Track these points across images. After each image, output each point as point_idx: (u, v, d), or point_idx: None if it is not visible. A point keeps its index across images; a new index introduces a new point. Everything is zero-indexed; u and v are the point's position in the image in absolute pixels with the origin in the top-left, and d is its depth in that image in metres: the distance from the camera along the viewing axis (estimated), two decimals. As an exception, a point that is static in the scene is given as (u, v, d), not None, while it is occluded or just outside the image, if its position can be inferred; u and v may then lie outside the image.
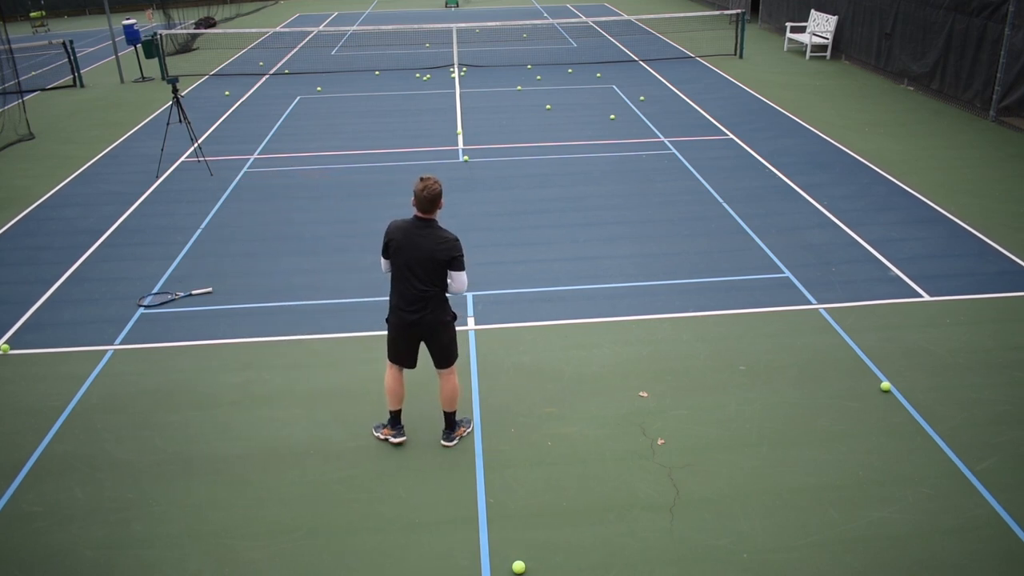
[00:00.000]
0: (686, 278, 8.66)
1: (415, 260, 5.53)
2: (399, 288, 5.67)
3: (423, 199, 5.48)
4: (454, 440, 6.11)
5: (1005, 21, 13.62)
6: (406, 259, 5.55)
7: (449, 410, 6.06)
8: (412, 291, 5.61)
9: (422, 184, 5.46)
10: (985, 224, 9.82)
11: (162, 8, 27.23)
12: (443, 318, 5.76)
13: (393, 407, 6.07)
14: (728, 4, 28.33)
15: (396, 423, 6.11)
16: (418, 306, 5.64)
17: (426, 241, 5.51)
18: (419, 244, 5.51)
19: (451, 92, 17.72)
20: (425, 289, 5.59)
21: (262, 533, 5.30)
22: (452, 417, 6.08)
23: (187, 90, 18.53)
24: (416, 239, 5.52)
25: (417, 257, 5.52)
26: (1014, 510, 5.32)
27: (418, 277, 5.56)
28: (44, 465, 5.99)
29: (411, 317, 5.68)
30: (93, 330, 7.89)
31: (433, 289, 5.62)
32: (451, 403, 6.02)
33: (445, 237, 5.56)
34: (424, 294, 5.61)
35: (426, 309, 5.65)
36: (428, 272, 5.54)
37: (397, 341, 5.84)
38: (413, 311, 5.66)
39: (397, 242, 5.57)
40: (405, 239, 5.55)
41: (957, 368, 6.91)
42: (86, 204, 11.36)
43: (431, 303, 5.65)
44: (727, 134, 13.98)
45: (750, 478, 5.67)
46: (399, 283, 5.65)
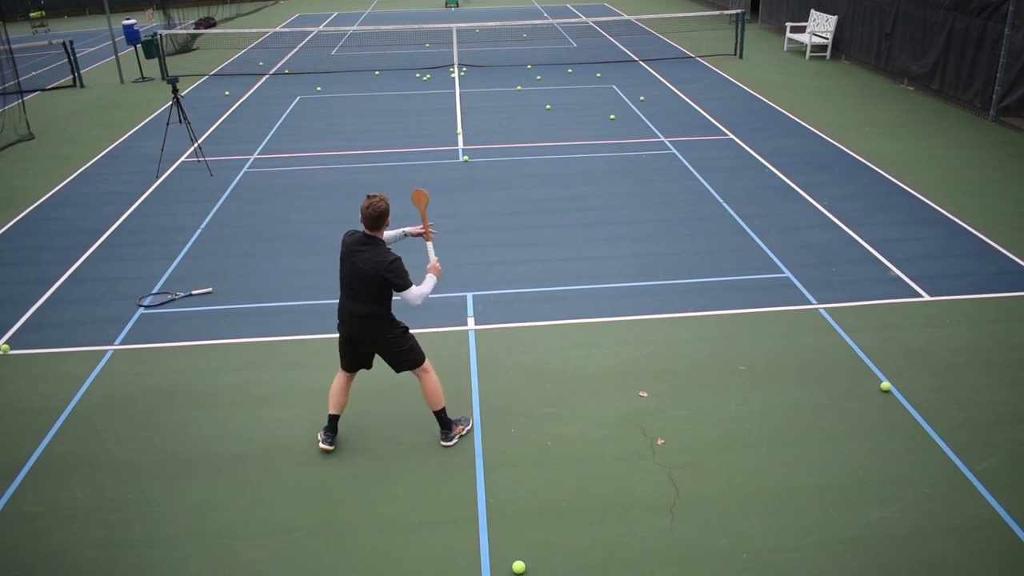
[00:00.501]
0: (686, 278, 8.66)
1: (354, 278, 5.54)
2: (342, 301, 5.69)
3: (368, 216, 5.49)
4: (453, 439, 6.10)
5: (1005, 21, 13.62)
6: (346, 274, 5.57)
7: (435, 409, 6.02)
8: (351, 308, 5.61)
9: (367, 202, 5.48)
10: (985, 224, 9.82)
11: (162, 8, 27.22)
12: (388, 335, 5.73)
13: (331, 411, 6.01)
14: (728, 4, 28.32)
15: (330, 429, 6.04)
16: (356, 323, 5.64)
17: (364, 261, 5.49)
18: (357, 262, 5.51)
19: (451, 92, 17.72)
20: (363, 309, 5.58)
21: (262, 533, 5.30)
22: (442, 415, 6.05)
23: (187, 90, 18.53)
24: (356, 256, 5.52)
25: (355, 275, 5.53)
26: (1014, 510, 5.32)
27: (356, 294, 5.55)
28: (44, 465, 5.99)
29: (354, 335, 5.71)
30: (93, 330, 7.89)
31: (373, 308, 5.59)
32: (434, 402, 5.99)
33: (382, 259, 5.48)
34: (361, 313, 5.59)
35: (365, 328, 5.65)
36: (366, 291, 5.52)
37: (343, 349, 5.88)
38: (353, 328, 5.68)
39: (342, 254, 5.60)
40: (347, 253, 5.56)
41: (957, 368, 6.91)
42: (86, 204, 11.36)
43: (372, 322, 5.63)
44: (727, 134, 13.98)
45: (750, 478, 5.67)
46: (342, 296, 5.68)
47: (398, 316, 5.86)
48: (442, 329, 7.73)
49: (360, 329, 5.68)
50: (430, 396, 5.98)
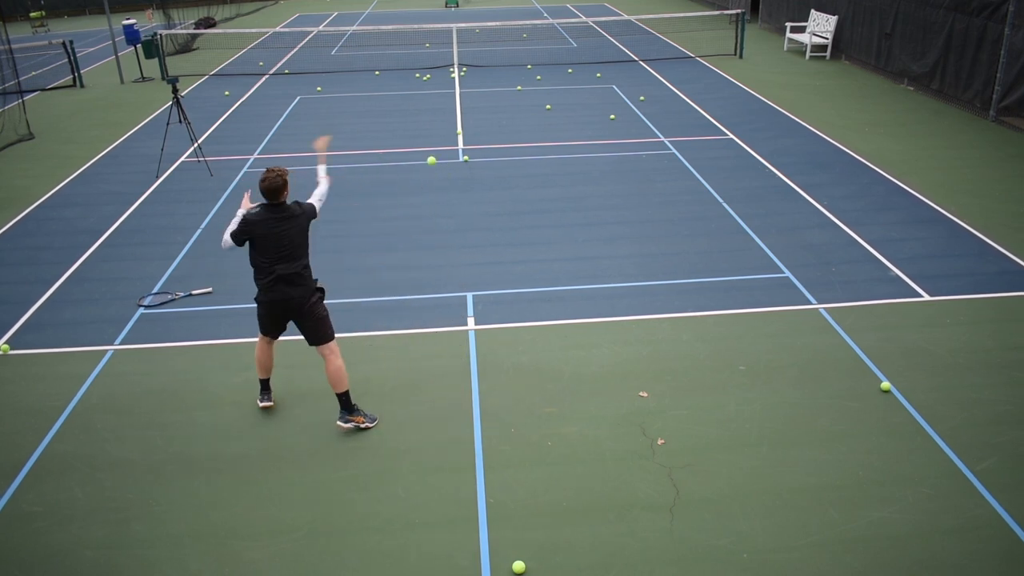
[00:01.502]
0: (686, 278, 8.66)
1: (283, 240, 5.96)
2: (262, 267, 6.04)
3: (265, 190, 5.94)
4: (349, 424, 6.27)
5: (1005, 21, 13.62)
6: (276, 243, 5.94)
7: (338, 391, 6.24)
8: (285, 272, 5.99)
9: (266, 175, 5.94)
10: (985, 224, 9.82)
11: (162, 8, 27.23)
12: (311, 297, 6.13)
13: (262, 376, 6.54)
14: (728, 4, 28.32)
15: (265, 389, 6.57)
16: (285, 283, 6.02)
17: (286, 220, 5.99)
18: (282, 226, 5.97)
19: (451, 92, 17.72)
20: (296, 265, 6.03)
21: (262, 533, 5.30)
22: (345, 398, 6.26)
23: (187, 90, 18.53)
24: (277, 223, 5.97)
25: (285, 235, 5.96)
26: (1014, 510, 5.32)
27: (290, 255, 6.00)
28: (44, 465, 5.99)
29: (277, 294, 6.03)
30: (93, 330, 7.89)
31: (303, 261, 6.11)
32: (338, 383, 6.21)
33: (298, 206, 6.13)
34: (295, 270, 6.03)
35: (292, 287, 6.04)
36: (298, 247, 6.04)
37: (266, 317, 6.25)
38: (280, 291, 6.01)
39: (259, 231, 5.94)
40: (267, 226, 5.97)
41: (957, 368, 6.91)
42: (86, 204, 11.36)
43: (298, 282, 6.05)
44: (727, 134, 13.98)
45: (750, 478, 5.67)
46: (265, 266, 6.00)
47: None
48: (442, 329, 7.73)
49: (289, 292, 6.04)
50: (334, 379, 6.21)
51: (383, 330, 7.76)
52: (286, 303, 6.07)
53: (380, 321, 7.93)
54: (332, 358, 6.18)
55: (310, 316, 6.12)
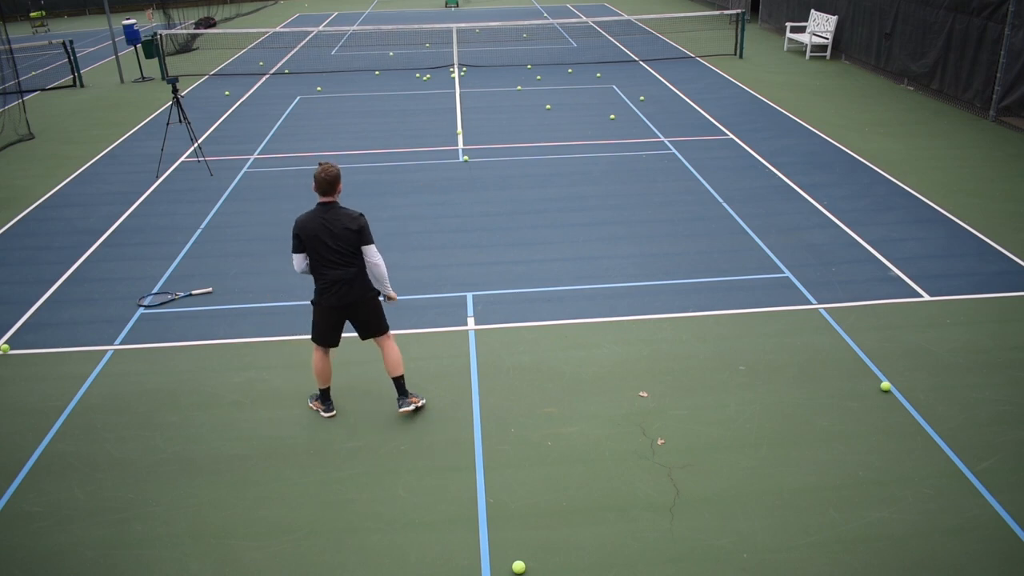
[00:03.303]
0: (686, 278, 8.66)
1: (331, 241, 5.84)
2: (319, 271, 5.96)
3: (322, 182, 5.84)
4: (411, 407, 6.32)
5: (1005, 21, 13.62)
6: (321, 246, 5.86)
7: (396, 375, 6.31)
8: (336, 277, 5.91)
9: (320, 169, 5.83)
10: (985, 224, 9.82)
11: (162, 8, 27.23)
12: (369, 289, 6.10)
13: (323, 385, 6.41)
14: (728, 4, 28.33)
15: (326, 399, 6.46)
16: (343, 284, 5.94)
17: (334, 221, 5.86)
18: (330, 226, 5.85)
19: (451, 92, 17.72)
20: (347, 272, 5.93)
21: (262, 533, 5.30)
22: (401, 382, 6.33)
23: (187, 90, 18.54)
24: (326, 223, 5.86)
25: (332, 240, 5.84)
26: (1014, 510, 5.32)
27: (338, 260, 5.88)
28: (44, 465, 6.00)
29: (335, 298, 5.98)
30: (93, 330, 7.89)
31: (356, 267, 5.97)
32: (398, 367, 6.31)
33: (350, 214, 5.93)
34: (347, 277, 5.94)
35: (354, 291, 5.98)
36: (345, 252, 5.90)
37: (324, 323, 6.16)
38: (338, 291, 5.96)
39: (308, 230, 5.86)
40: (315, 224, 5.86)
41: (957, 368, 6.91)
42: (86, 204, 11.36)
43: (356, 281, 5.97)
44: (727, 134, 13.98)
45: (750, 478, 5.67)
46: (321, 268, 5.94)
47: None
48: (442, 329, 7.73)
49: (349, 293, 5.98)
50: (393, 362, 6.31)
51: (383, 330, 7.76)
52: (344, 307, 6.05)
53: (380, 321, 7.92)
54: (389, 343, 6.29)
55: (364, 311, 6.13)
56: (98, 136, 14.98)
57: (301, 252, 5.97)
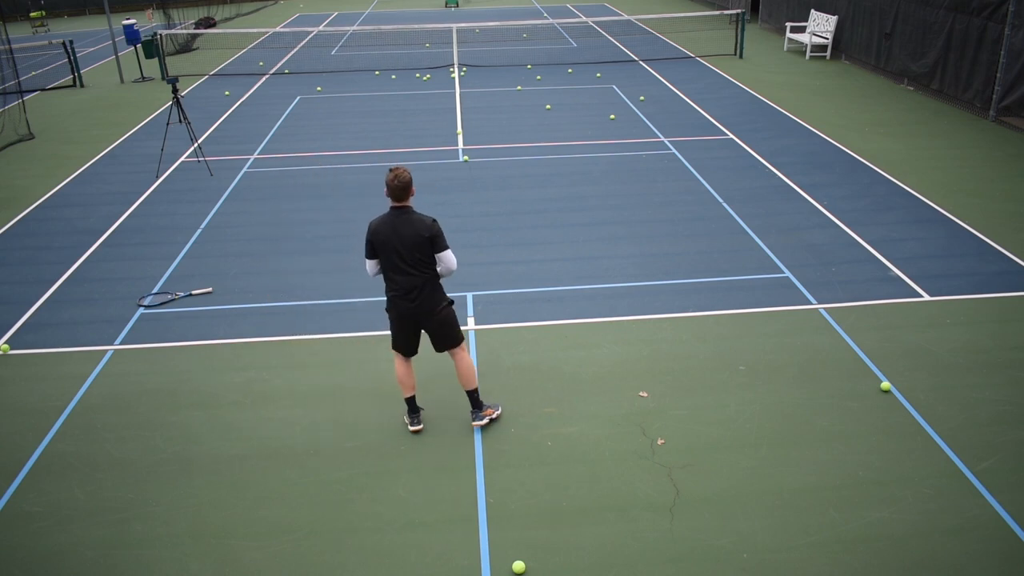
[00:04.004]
0: (686, 278, 8.66)
1: (403, 250, 5.70)
2: (390, 278, 5.84)
3: (395, 188, 5.70)
4: (484, 419, 6.21)
5: (1005, 21, 13.62)
6: (392, 253, 5.73)
7: (470, 388, 6.18)
8: (407, 284, 5.78)
9: (392, 174, 5.70)
10: (985, 224, 9.82)
11: (162, 8, 27.23)
12: (440, 302, 5.92)
13: (406, 394, 6.21)
14: (728, 4, 28.33)
15: (413, 411, 6.24)
16: (413, 294, 5.80)
17: (407, 227, 5.70)
18: (402, 232, 5.69)
19: (451, 92, 17.72)
20: (418, 280, 5.77)
21: (262, 533, 5.30)
22: (476, 395, 6.21)
23: (187, 90, 18.54)
24: (397, 228, 5.70)
25: (403, 247, 5.70)
26: (1014, 510, 5.32)
27: (408, 267, 5.74)
28: (44, 465, 6.00)
29: (407, 306, 5.85)
30: (93, 330, 7.89)
31: (427, 276, 5.80)
32: (471, 380, 6.15)
33: (423, 221, 5.76)
34: (417, 284, 5.77)
35: (424, 300, 5.82)
36: (416, 259, 5.73)
37: (397, 330, 6.03)
38: (409, 300, 5.82)
39: (381, 236, 5.74)
40: (387, 230, 5.73)
41: (957, 368, 6.91)
42: (86, 204, 11.36)
43: (427, 287, 5.82)
44: (727, 134, 13.98)
45: (750, 478, 5.67)
46: (389, 274, 5.83)
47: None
48: (442, 329, 7.72)
49: (421, 301, 5.84)
50: (466, 376, 6.16)
51: (383, 330, 7.76)
52: (414, 317, 5.91)
53: (380, 321, 7.92)
54: (463, 356, 6.12)
55: (437, 322, 5.94)
56: (98, 136, 14.98)
57: (374, 258, 5.83)
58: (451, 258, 5.82)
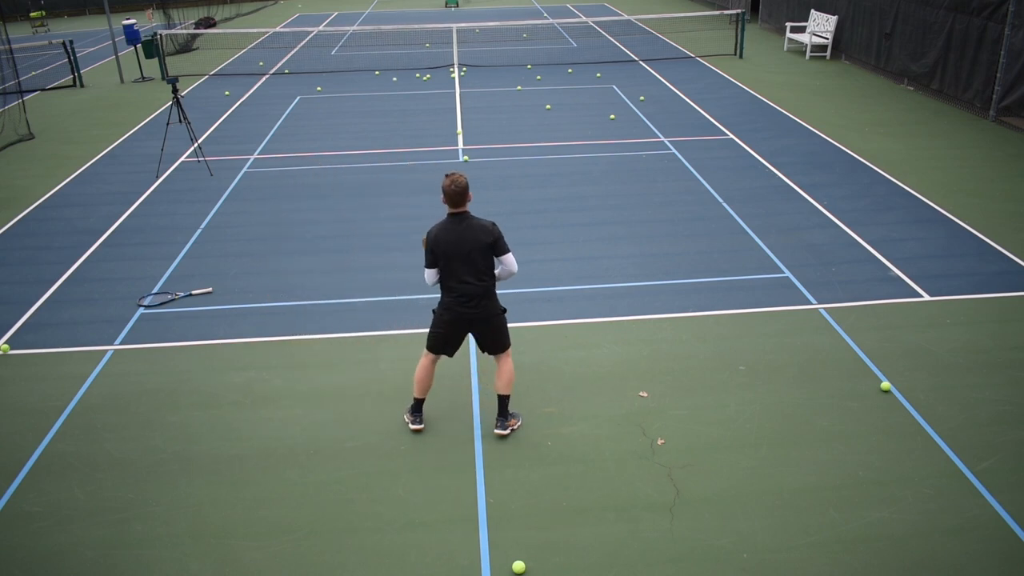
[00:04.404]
0: (686, 278, 8.66)
1: (458, 256, 5.67)
2: (448, 285, 5.79)
3: (452, 194, 5.62)
4: (508, 430, 6.18)
5: (1005, 21, 13.62)
6: (453, 258, 5.68)
7: (504, 394, 6.16)
8: (468, 291, 5.75)
9: (449, 180, 5.62)
10: (985, 224, 9.82)
11: (162, 8, 27.23)
12: (496, 311, 5.95)
13: (419, 396, 6.18)
14: (728, 4, 28.33)
15: (417, 410, 6.22)
16: (471, 300, 5.78)
17: (468, 233, 5.66)
18: (463, 238, 5.66)
19: (451, 92, 17.72)
20: (479, 286, 5.76)
21: (262, 533, 5.30)
22: (507, 402, 6.19)
23: (187, 90, 18.53)
24: (458, 234, 5.66)
25: (466, 251, 5.66)
26: (1014, 510, 5.32)
27: (469, 273, 5.71)
28: (44, 465, 5.99)
29: (465, 311, 5.81)
30: (93, 330, 7.89)
31: (486, 282, 5.79)
32: (508, 387, 6.14)
33: (484, 225, 5.73)
34: (479, 291, 5.77)
35: (482, 306, 5.82)
36: (477, 265, 5.71)
37: (447, 333, 5.96)
38: (466, 306, 5.79)
39: (442, 244, 5.67)
40: (448, 238, 5.67)
41: (957, 368, 6.91)
42: (86, 204, 11.36)
43: (487, 299, 5.83)
44: (727, 134, 13.98)
45: (750, 478, 5.67)
46: (449, 280, 5.77)
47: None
48: (442, 329, 7.72)
49: (481, 308, 5.83)
50: (507, 380, 6.13)
51: (383, 330, 7.77)
52: (471, 323, 5.89)
53: (380, 321, 7.93)
54: (508, 361, 6.11)
55: (491, 328, 5.96)
56: (98, 136, 14.98)
57: (435, 267, 5.76)
58: (512, 261, 5.83)
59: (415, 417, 6.23)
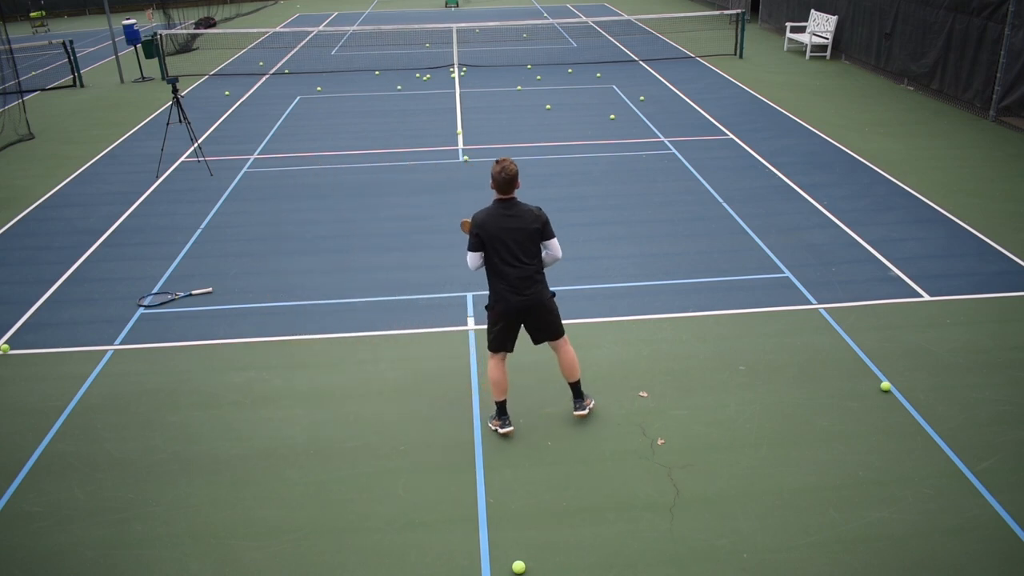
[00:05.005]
0: (686, 278, 8.66)
1: (514, 242, 5.68)
2: (500, 272, 5.77)
3: (502, 180, 5.63)
4: (586, 409, 6.23)
5: (1005, 21, 13.62)
6: (502, 246, 5.69)
7: (575, 380, 6.20)
8: (521, 276, 5.76)
9: (499, 167, 5.62)
10: (985, 224, 9.81)
11: (162, 8, 27.23)
12: (548, 294, 5.98)
13: (500, 397, 6.13)
14: (728, 4, 28.33)
15: (503, 413, 6.17)
16: (524, 284, 5.79)
17: (516, 218, 5.69)
18: (512, 224, 5.68)
19: (451, 92, 17.72)
20: (530, 270, 5.79)
21: (262, 533, 5.30)
22: (579, 386, 6.24)
23: (187, 90, 18.53)
24: (507, 220, 5.68)
25: (514, 237, 5.68)
26: (1014, 510, 5.32)
27: (520, 259, 5.73)
28: (44, 465, 5.99)
29: (519, 298, 5.81)
30: (93, 330, 7.89)
31: (537, 266, 5.84)
32: (575, 371, 6.18)
33: (531, 211, 5.76)
34: (531, 275, 5.80)
35: (536, 291, 5.84)
36: (528, 251, 5.74)
37: (504, 328, 5.94)
38: (520, 292, 5.80)
39: (491, 230, 5.68)
40: (497, 223, 5.68)
41: (957, 368, 6.91)
42: (86, 204, 11.36)
43: (540, 284, 5.85)
44: (727, 134, 13.98)
45: (750, 478, 5.67)
46: (502, 267, 5.76)
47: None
48: (442, 329, 7.73)
49: (532, 293, 5.83)
50: (570, 366, 6.17)
51: (383, 330, 7.77)
52: (526, 309, 5.86)
53: (380, 321, 7.93)
54: (567, 348, 6.13)
55: (545, 312, 5.93)
56: (98, 136, 14.98)
57: (479, 251, 5.76)
58: (557, 246, 5.90)
59: (503, 421, 6.15)
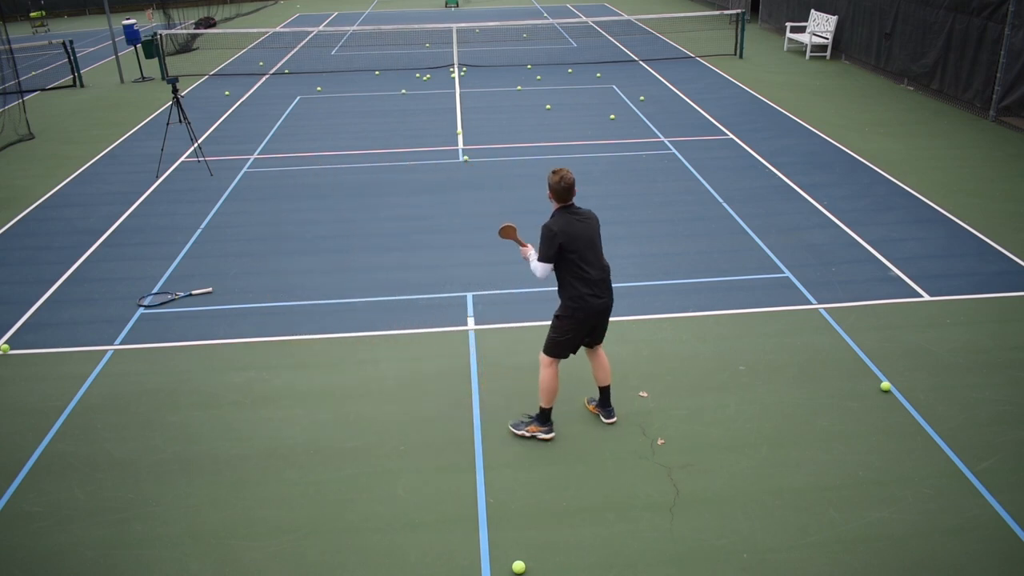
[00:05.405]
0: (686, 278, 8.66)
1: (587, 244, 5.72)
2: (583, 276, 5.71)
3: (561, 190, 5.64)
4: (614, 418, 6.26)
5: (1005, 21, 13.62)
6: (584, 248, 5.70)
7: (609, 384, 6.26)
8: (603, 278, 5.80)
9: (557, 176, 5.63)
10: (985, 224, 9.81)
11: (162, 8, 27.23)
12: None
13: (550, 404, 6.09)
14: (728, 4, 28.33)
15: (548, 420, 6.15)
16: (604, 287, 5.82)
17: (588, 222, 5.77)
18: (586, 228, 5.73)
19: (451, 92, 17.72)
20: (606, 266, 5.84)
21: (262, 533, 5.30)
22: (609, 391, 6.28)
23: (187, 90, 18.53)
24: (582, 225, 5.72)
25: (588, 241, 5.72)
26: (1014, 510, 5.32)
27: (597, 261, 5.77)
28: (44, 465, 6.00)
29: (601, 301, 5.81)
30: (93, 330, 7.89)
31: (607, 265, 5.88)
32: (608, 375, 6.24)
33: (590, 213, 5.85)
34: (607, 273, 5.84)
35: (609, 289, 5.87)
36: (598, 251, 5.81)
37: (577, 334, 5.89)
38: (601, 295, 5.80)
39: (572, 236, 5.66)
40: (572, 230, 5.68)
41: (957, 368, 6.91)
42: (86, 204, 11.36)
43: (608, 281, 5.88)
44: (727, 134, 13.98)
45: (750, 478, 5.67)
46: (582, 272, 5.71)
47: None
48: (442, 329, 7.73)
49: (610, 295, 5.87)
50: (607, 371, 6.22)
51: (383, 330, 7.77)
52: (605, 311, 5.85)
53: (380, 321, 7.93)
54: (602, 352, 6.18)
55: (608, 315, 5.95)
56: (98, 136, 14.98)
57: (552, 261, 5.67)
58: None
59: (547, 427, 6.14)
